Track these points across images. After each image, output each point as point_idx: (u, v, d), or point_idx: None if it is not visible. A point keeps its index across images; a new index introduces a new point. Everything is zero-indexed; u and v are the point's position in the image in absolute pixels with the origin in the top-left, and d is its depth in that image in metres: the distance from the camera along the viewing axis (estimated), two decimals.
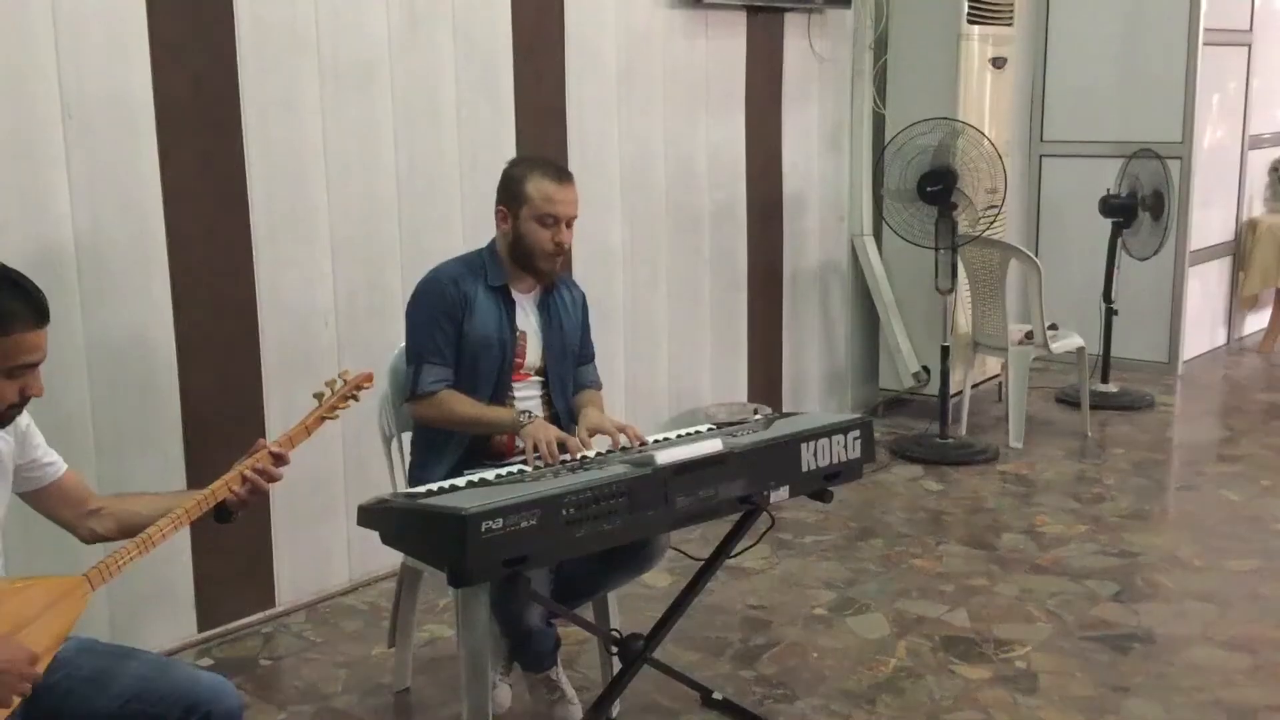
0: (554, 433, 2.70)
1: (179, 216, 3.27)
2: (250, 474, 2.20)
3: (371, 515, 2.38)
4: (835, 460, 2.63)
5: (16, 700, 1.84)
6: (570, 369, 3.00)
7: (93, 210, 3.10)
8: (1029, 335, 5.30)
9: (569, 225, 2.86)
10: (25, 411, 2.07)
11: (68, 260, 3.06)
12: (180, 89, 3.23)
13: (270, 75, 3.42)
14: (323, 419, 2.40)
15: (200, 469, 3.28)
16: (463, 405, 2.83)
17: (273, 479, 2.23)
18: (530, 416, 2.77)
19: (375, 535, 2.37)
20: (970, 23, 5.30)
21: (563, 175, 2.87)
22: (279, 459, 2.24)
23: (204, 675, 2.15)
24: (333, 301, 3.66)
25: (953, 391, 5.20)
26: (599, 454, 2.62)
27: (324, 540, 3.72)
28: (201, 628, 3.44)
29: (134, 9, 3.12)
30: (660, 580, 3.65)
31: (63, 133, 3.02)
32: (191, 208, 3.30)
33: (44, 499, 2.21)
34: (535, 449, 2.65)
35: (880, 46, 5.52)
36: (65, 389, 3.03)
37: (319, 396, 2.41)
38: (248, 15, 3.35)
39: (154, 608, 3.32)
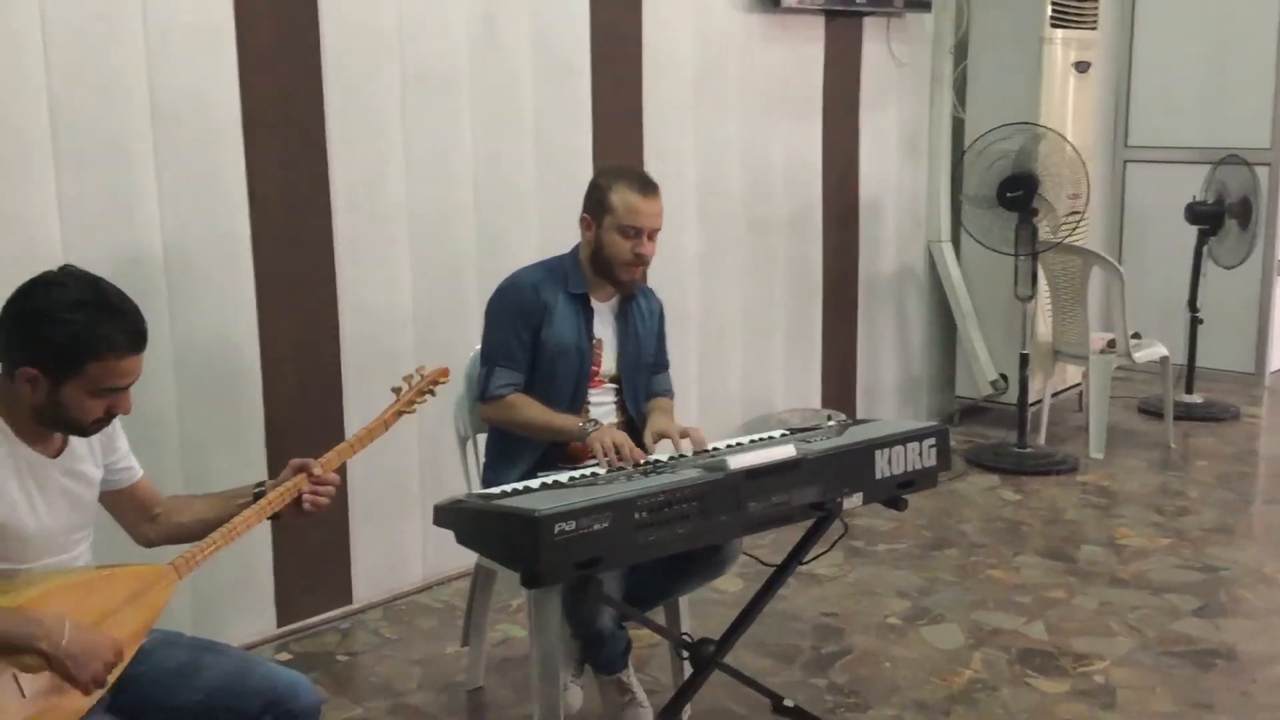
0: (622, 437, 2.71)
1: (263, 220, 3.34)
2: (308, 497, 2.24)
3: (447, 515, 2.40)
4: (910, 468, 2.60)
5: (95, 688, 1.90)
6: (644, 377, 3.01)
7: (180, 214, 3.18)
8: (1111, 344, 5.20)
9: (651, 237, 2.85)
10: None
11: (155, 263, 3.14)
12: (266, 95, 3.30)
13: (353, 82, 3.48)
14: (400, 413, 2.45)
15: (280, 467, 3.31)
16: (530, 410, 2.85)
17: (323, 495, 2.27)
18: (596, 424, 2.78)
19: (449, 535, 2.40)
20: (1053, 26, 5.22)
21: (647, 187, 2.86)
22: (322, 481, 2.27)
23: (284, 672, 2.20)
24: (411, 304, 3.71)
25: (1032, 400, 5.12)
26: (672, 458, 2.63)
27: (399, 539, 3.78)
28: (280, 623, 3.50)
29: (223, 18, 3.20)
30: (732, 585, 3.64)
31: (152, 138, 3.10)
32: (275, 212, 3.37)
33: (115, 500, 2.27)
34: (605, 452, 2.66)
35: (960, 51, 5.46)
36: (152, 388, 3.11)
37: (397, 391, 2.45)
38: (332, 23, 3.42)
39: (235, 602, 3.39)
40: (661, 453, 2.72)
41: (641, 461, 2.60)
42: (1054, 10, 5.21)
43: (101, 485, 2.21)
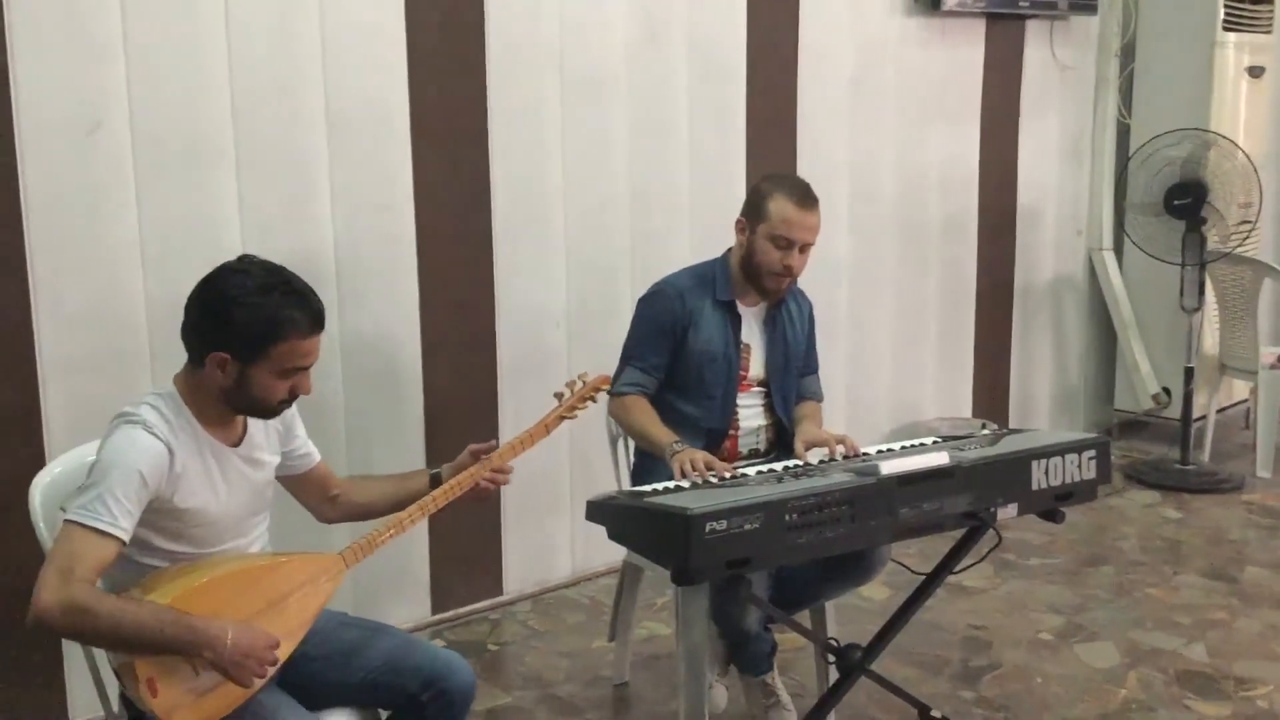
0: (700, 455, 2.64)
1: (427, 220, 3.46)
2: (483, 484, 2.35)
3: (599, 510, 2.45)
4: (1068, 480, 2.55)
5: (257, 682, 1.99)
6: (792, 380, 3.01)
7: (350, 214, 3.31)
8: None
9: (803, 251, 2.84)
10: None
11: (326, 260, 3.28)
12: (433, 99, 3.42)
13: (515, 87, 3.58)
14: (562, 418, 2.51)
15: (438, 458, 3.40)
16: (637, 414, 2.86)
17: (499, 484, 2.40)
18: (682, 445, 2.72)
19: (597, 532, 2.44)
20: (1226, 30, 5.04)
21: (806, 200, 2.84)
22: (501, 471, 2.39)
23: (442, 652, 2.29)
24: (565, 304, 3.79)
25: (1195, 415, 4.94)
26: (821, 461, 2.63)
27: (549, 534, 3.86)
28: (435, 611, 3.62)
29: (394, 26, 3.33)
30: (878, 593, 3.62)
31: (326, 142, 3.25)
32: (439, 212, 3.48)
33: (296, 484, 2.39)
34: (684, 474, 2.61)
35: (1127, 54, 5.30)
36: (320, 379, 3.20)
37: (559, 396, 2.52)
38: (497, 30, 3.51)
39: (393, 589, 3.51)
40: (812, 459, 2.72)
41: (727, 475, 2.56)
42: (1227, 13, 5.02)
43: (283, 470, 2.32)
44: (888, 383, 4.76)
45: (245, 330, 2.05)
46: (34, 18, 2.76)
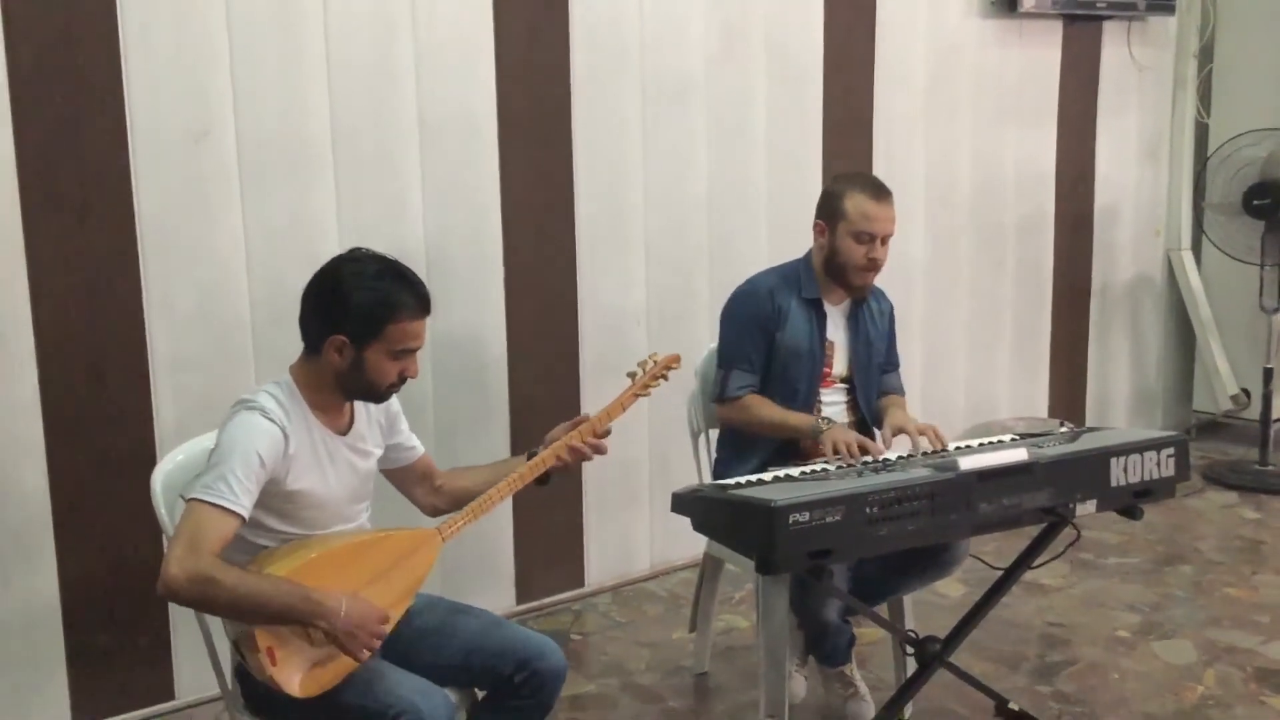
0: (854, 436, 2.78)
1: (514, 222, 3.57)
2: (579, 445, 2.42)
3: (685, 502, 2.53)
4: (1147, 477, 2.58)
5: (366, 654, 2.11)
6: (875, 377, 3.08)
7: (440, 216, 3.44)
8: None
9: (884, 242, 2.91)
10: (395, 399, 2.36)
11: (418, 261, 3.40)
12: (520, 106, 3.53)
13: (598, 93, 3.68)
14: (636, 396, 2.59)
15: (522, 452, 3.56)
16: (766, 409, 2.95)
17: (599, 450, 2.45)
18: (830, 422, 2.86)
19: (675, 527, 2.52)
20: None
21: (881, 194, 2.92)
22: (602, 433, 2.45)
23: (535, 635, 2.39)
24: (645, 304, 3.88)
25: (1275, 416, 4.90)
26: (900, 457, 2.69)
27: (629, 528, 3.95)
28: (519, 600, 3.73)
29: (483, 36, 3.44)
30: (954, 590, 3.66)
31: (419, 147, 3.37)
32: (525, 215, 3.59)
33: (401, 476, 2.51)
34: (836, 450, 2.74)
35: (1205, 54, 5.28)
36: None
37: (632, 375, 2.61)
38: (581, 39, 3.62)
39: (479, 579, 3.63)
40: (898, 448, 2.78)
41: (875, 458, 2.66)
42: None
43: (390, 463, 2.45)
44: (963, 384, 4.79)
45: (361, 312, 2.17)
46: (145, 34, 2.92)
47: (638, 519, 3.96)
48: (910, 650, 2.76)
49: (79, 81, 2.86)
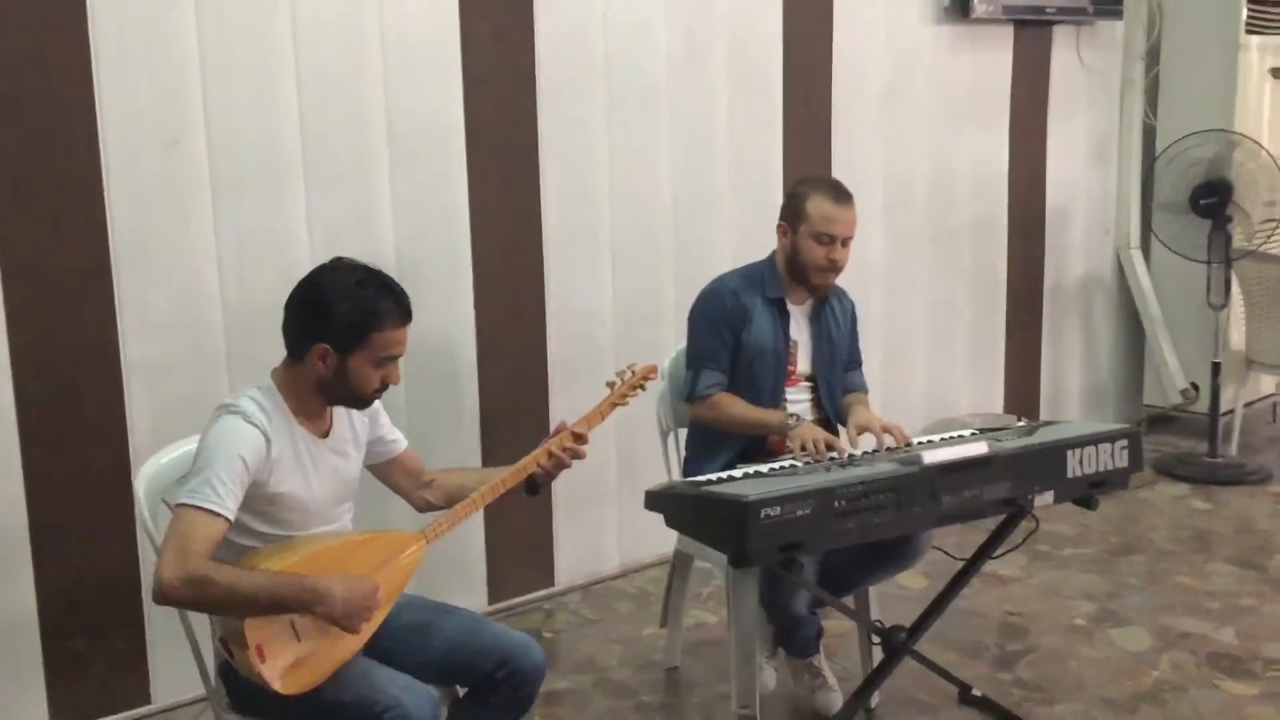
0: (821, 434, 2.86)
1: (482, 228, 3.62)
2: (557, 451, 2.48)
3: (659, 499, 2.60)
4: (1102, 468, 2.69)
5: (365, 629, 2.16)
6: (838, 375, 3.16)
7: (410, 224, 3.48)
8: None
9: (845, 244, 3.00)
10: None
11: (389, 267, 3.36)
12: (487, 113, 3.58)
13: (564, 99, 3.74)
14: (614, 405, 2.66)
15: (493, 456, 3.62)
16: (736, 407, 3.03)
17: (577, 456, 2.52)
18: (798, 419, 2.94)
19: (643, 525, 2.59)
20: (1249, 32, 5.14)
21: (842, 196, 3.01)
22: (580, 439, 2.51)
23: (514, 633, 2.44)
24: (612, 306, 3.94)
25: (1223, 410, 5.05)
26: (866, 453, 2.77)
27: (598, 527, 4.01)
28: (491, 600, 3.78)
29: (450, 44, 3.49)
30: (916, 582, 3.75)
31: (388, 156, 3.41)
32: (493, 220, 3.64)
33: (387, 471, 2.56)
34: (803, 448, 2.81)
35: (1152, 57, 5.42)
36: None
37: (611, 385, 2.67)
38: (546, 46, 3.67)
39: (451, 579, 3.66)
40: (863, 445, 2.86)
41: (841, 454, 2.74)
42: (1250, 15, 5.13)
43: (374, 458, 2.50)
44: (922, 382, 4.89)
45: (345, 322, 2.22)
46: (117, 41, 2.94)
47: (607, 518, 4.02)
48: (877, 640, 2.85)
49: (50, 90, 2.88)
